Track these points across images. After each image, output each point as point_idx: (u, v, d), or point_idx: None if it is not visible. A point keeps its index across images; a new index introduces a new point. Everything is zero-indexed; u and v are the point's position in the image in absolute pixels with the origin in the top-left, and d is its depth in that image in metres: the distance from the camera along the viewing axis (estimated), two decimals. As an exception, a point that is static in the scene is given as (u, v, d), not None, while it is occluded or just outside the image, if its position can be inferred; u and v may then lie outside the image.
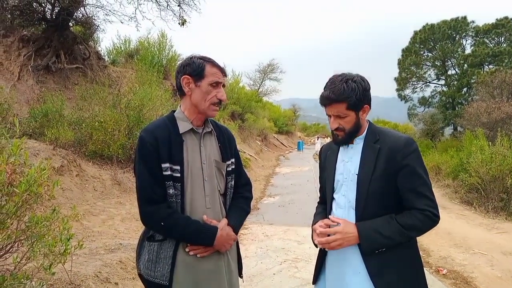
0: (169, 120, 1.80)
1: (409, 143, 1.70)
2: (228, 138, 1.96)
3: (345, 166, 1.83)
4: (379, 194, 1.70)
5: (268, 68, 39.10)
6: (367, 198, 1.71)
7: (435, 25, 34.16)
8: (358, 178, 1.74)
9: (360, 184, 1.73)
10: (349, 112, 1.71)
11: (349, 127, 1.75)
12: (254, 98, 29.85)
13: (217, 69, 1.78)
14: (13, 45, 10.41)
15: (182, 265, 1.70)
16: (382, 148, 1.72)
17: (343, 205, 1.80)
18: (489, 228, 6.81)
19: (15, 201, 2.35)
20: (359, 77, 1.73)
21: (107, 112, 8.55)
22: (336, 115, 1.74)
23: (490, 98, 20.22)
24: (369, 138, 1.79)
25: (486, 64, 32.47)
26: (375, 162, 1.71)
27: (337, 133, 1.79)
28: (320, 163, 2.07)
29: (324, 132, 57.29)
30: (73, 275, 3.32)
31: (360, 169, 1.75)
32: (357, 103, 1.70)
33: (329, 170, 1.91)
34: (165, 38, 15.84)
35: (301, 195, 10.50)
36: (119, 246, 4.56)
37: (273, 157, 24.91)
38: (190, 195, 1.73)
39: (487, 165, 8.55)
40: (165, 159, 1.69)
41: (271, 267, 4.74)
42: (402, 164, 1.67)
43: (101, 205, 6.45)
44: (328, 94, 1.72)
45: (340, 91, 1.68)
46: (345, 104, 1.69)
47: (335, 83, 1.71)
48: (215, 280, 1.75)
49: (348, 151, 1.84)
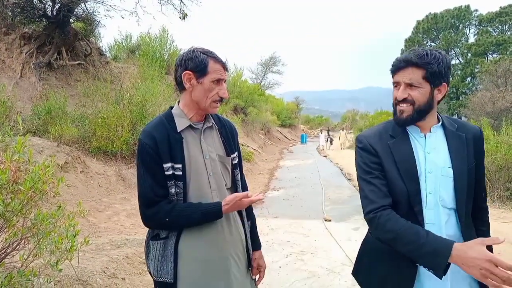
0: (166, 119, 1.75)
1: (482, 130, 1.63)
2: (230, 132, 1.92)
3: (427, 158, 1.53)
4: (472, 187, 1.53)
5: (270, 61, 38.97)
6: (467, 194, 1.51)
7: (438, 14, 33.92)
8: (455, 171, 1.50)
9: (457, 179, 1.50)
10: (424, 83, 1.48)
11: (421, 101, 1.49)
12: (256, 91, 29.79)
13: (220, 65, 1.71)
14: (15, 43, 10.41)
15: (185, 261, 1.68)
16: (467, 137, 1.55)
17: (433, 205, 1.51)
18: (495, 218, 6.77)
19: (20, 199, 2.34)
20: (445, 53, 1.54)
21: (110, 108, 8.56)
22: (407, 83, 1.49)
23: (494, 87, 20.09)
24: (448, 126, 1.58)
25: (490, 53, 32.25)
26: (467, 152, 1.53)
27: (403, 108, 1.52)
28: (373, 159, 1.59)
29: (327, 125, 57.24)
30: (80, 271, 3.33)
31: (453, 162, 1.51)
32: (437, 74, 1.46)
33: (405, 164, 1.53)
34: (166, 33, 15.80)
35: (305, 188, 10.49)
36: (125, 242, 4.57)
37: (276, 150, 24.90)
38: (195, 192, 1.70)
39: (492, 155, 8.50)
40: (166, 159, 1.66)
41: (277, 260, 4.74)
42: (482, 151, 1.58)
43: (106, 201, 6.47)
44: (407, 56, 1.49)
45: (421, 55, 1.46)
46: (423, 72, 1.46)
47: (417, 49, 1.51)
48: (221, 274, 1.72)
49: (428, 140, 1.56)
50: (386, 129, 1.62)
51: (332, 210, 7.66)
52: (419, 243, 1.36)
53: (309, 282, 4.12)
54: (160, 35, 15.71)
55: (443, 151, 1.54)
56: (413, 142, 1.57)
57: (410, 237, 1.39)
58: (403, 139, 1.57)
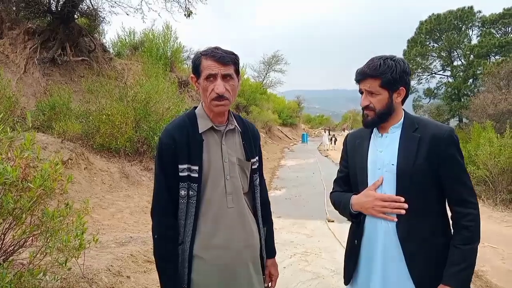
0: (189, 119, 1.73)
1: (452, 132, 1.64)
2: (253, 136, 1.88)
3: (378, 156, 1.72)
4: (423, 186, 1.62)
5: (273, 59, 38.87)
6: (409, 190, 1.62)
7: (441, 15, 33.83)
8: (398, 169, 1.64)
9: (400, 176, 1.63)
10: (382, 90, 1.64)
11: (380, 107, 1.66)
12: (258, 90, 29.75)
13: (212, 60, 1.62)
14: (19, 38, 10.39)
15: (199, 266, 1.67)
16: (424, 137, 1.63)
17: None
18: (498, 221, 6.77)
19: (30, 196, 2.34)
20: (400, 58, 1.67)
21: (114, 105, 8.55)
22: (368, 91, 1.66)
23: (497, 89, 20.06)
24: (407, 127, 1.69)
25: (493, 54, 32.18)
26: (416, 152, 1.62)
27: (367, 112, 1.70)
28: (345, 151, 1.94)
29: (328, 124, 57.20)
30: (86, 269, 3.33)
31: (399, 160, 1.65)
32: (392, 82, 1.62)
33: (359, 159, 1.79)
34: (169, 30, 15.78)
35: (307, 188, 10.47)
36: (130, 240, 4.57)
37: (277, 149, 24.88)
38: (209, 195, 1.68)
39: (495, 158, 8.49)
40: (184, 160, 1.64)
41: (281, 261, 4.74)
42: (447, 154, 1.60)
43: (110, 198, 6.47)
44: (363, 68, 1.66)
45: (375, 66, 1.62)
46: (379, 81, 1.63)
47: (374, 60, 1.66)
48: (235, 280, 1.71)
49: (383, 140, 1.74)
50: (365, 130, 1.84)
51: (335, 211, 7.61)
52: (340, 204, 1.89)
53: (314, 284, 4.11)
54: (164, 32, 15.68)
55: (392, 150, 1.69)
56: (372, 141, 1.79)
57: (337, 201, 1.93)
58: (365, 138, 1.82)
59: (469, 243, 1.60)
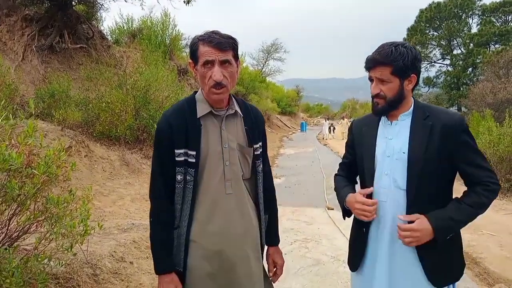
0: (188, 103, 1.69)
1: (463, 119, 1.64)
2: (256, 120, 1.81)
3: (388, 144, 1.70)
4: (434, 174, 1.61)
5: (272, 47, 38.58)
6: (420, 178, 1.61)
7: (441, 3, 33.63)
8: (410, 156, 1.63)
9: (412, 164, 1.62)
10: (393, 78, 1.62)
11: (391, 95, 1.64)
12: (257, 78, 29.62)
13: (209, 46, 1.56)
14: (16, 25, 10.28)
15: (195, 251, 1.66)
16: (435, 125, 1.62)
17: (387, 185, 1.69)
18: (497, 209, 6.83)
19: (34, 183, 2.35)
20: (410, 45, 1.64)
21: (114, 93, 8.52)
22: (379, 79, 1.64)
23: (496, 78, 20.04)
24: (418, 114, 1.68)
25: (492, 43, 32.09)
26: (428, 140, 1.61)
27: (377, 100, 1.68)
28: (350, 139, 1.93)
29: (327, 113, 57.13)
30: (89, 255, 3.36)
31: (410, 148, 1.63)
32: (403, 69, 1.60)
33: (367, 147, 1.77)
34: (168, 17, 15.63)
35: (306, 177, 10.53)
36: (132, 226, 4.60)
37: (276, 138, 24.89)
38: (207, 180, 1.65)
39: (494, 146, 8.52)
40: (181, 145, 1.62)
41: (282, 247, 4.70)
42: (460, 141, 1.60)
43: (111, 186, 6.49)
44: (374, 55, 1.63)
45: (387, 53, 1.60)
46: (390, 68, 1.60)
47: (384, 47, 1.63)
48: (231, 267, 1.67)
49: (392, 127, 1.72)
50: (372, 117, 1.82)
51: (334, 199, 7.58)
52: (339, 194, 1.90)
53: (315, 270, 4.17)
54: (162, 19, 15.54)
55: (404, 137, 1.67)
56: (380, 129, 1.77)
57: (337, 190, 1.94)
58: (372, 126, 1.80)
59: (473, 206, 1.60)
